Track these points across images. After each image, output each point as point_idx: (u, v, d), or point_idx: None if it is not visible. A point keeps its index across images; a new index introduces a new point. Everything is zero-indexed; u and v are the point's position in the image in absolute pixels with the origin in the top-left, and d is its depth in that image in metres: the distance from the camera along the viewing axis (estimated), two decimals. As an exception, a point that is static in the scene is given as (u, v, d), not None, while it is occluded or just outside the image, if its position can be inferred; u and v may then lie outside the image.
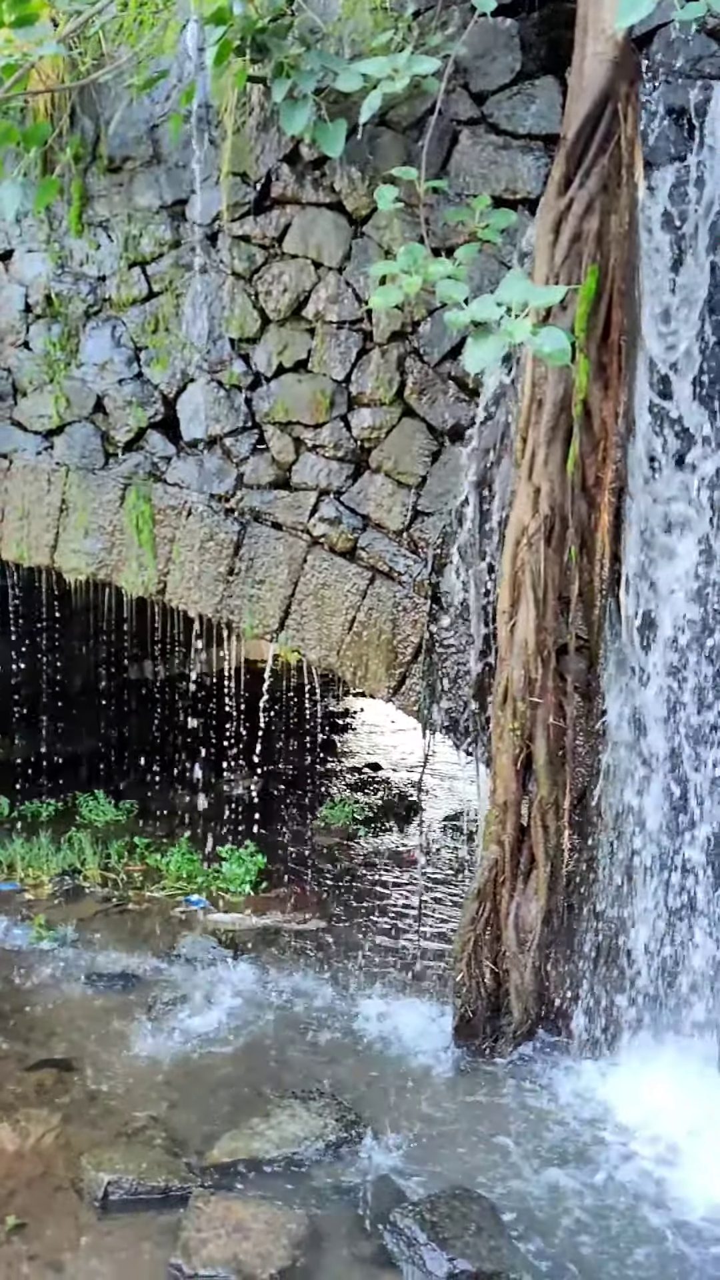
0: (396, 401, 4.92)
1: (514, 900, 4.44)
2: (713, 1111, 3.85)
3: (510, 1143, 3.78)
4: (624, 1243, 3.28)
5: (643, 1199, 3.49)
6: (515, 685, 4.44)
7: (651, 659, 4.51)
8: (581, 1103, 4.02)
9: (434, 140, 4.42)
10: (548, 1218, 3.39)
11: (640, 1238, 3.30)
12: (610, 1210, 3.43)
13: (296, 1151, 3.57)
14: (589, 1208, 3.44)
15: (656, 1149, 3.73)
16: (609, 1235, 3.31)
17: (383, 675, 5.07)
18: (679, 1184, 3.55)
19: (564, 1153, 3.73)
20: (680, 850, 4.44)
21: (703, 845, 4.41)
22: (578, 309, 4.28)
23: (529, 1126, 3.88)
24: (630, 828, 4.44)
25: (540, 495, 4.43)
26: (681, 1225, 3.36)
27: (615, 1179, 3.59)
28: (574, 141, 4.17)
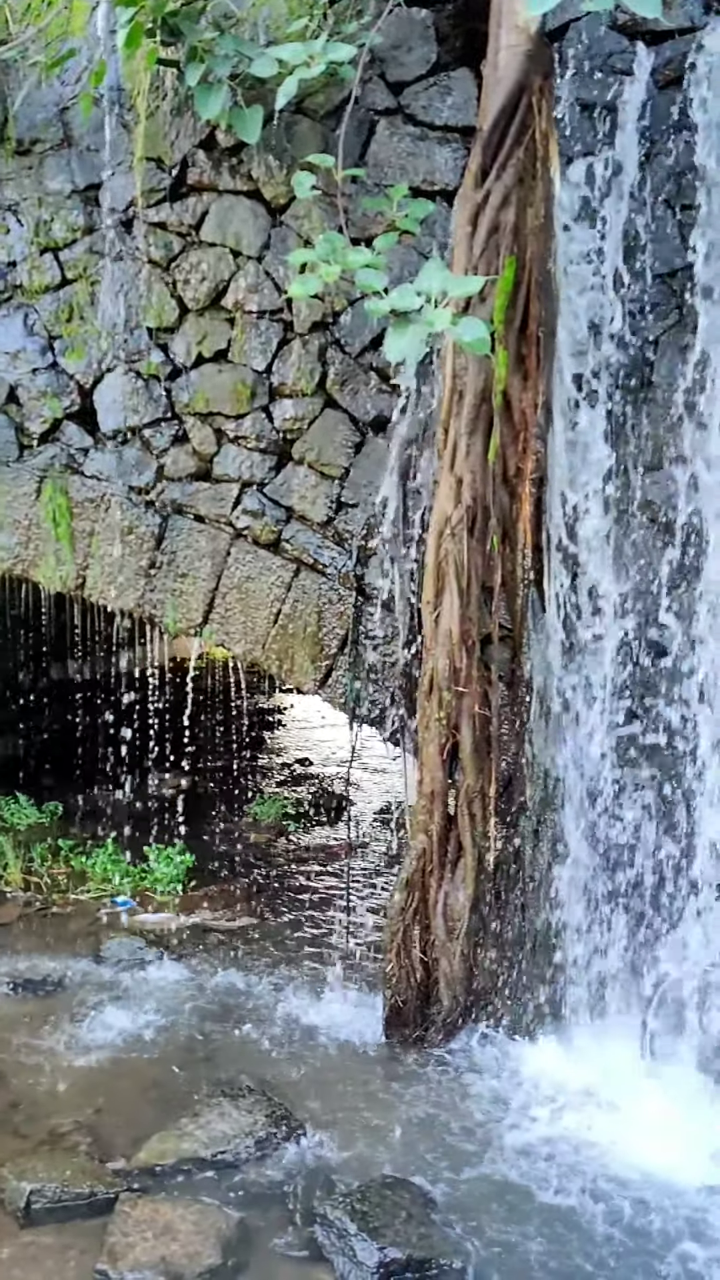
0: (318, 392, 4.89)
1: (442, 889, 4.46)
2: (635, 1089, 3.93)
3: (441, 1129, 3.80)
4: (551, 1219, 3.31)
5: (570, 1176, 3.54)
6: (440, 675, 4.46)
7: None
8: (510, 1086, 4.06)
9: (351, 129, 4.40)
10: (478, 1200, 3.41)
11: (567, 1213, 3.34)
12: (538, 1188, 3.47)
13: (226, 1150, 3.53)
14: (518, 1187, 3.48)
15: (583, 1128, 3.79)
16: (537, 1213, 3.35)
17: (309, 668, 5.05)
18: (605, 1160, 3.61)
19: (494, 1135, 3.76)
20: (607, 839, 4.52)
21: (630, 833, 4.50)
22: (496, 300, 4.31)
23: (459, 1112, 3.91)
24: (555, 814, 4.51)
25: (462, 486, 4.45)
26: (605, 1199, 3.41)
27: (543, 1158, 3.63)
28: (490, 134, 4.20)
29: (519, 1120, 3.84)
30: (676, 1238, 3.24)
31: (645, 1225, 3.30)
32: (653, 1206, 3.38)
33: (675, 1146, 3.61)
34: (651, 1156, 3.58)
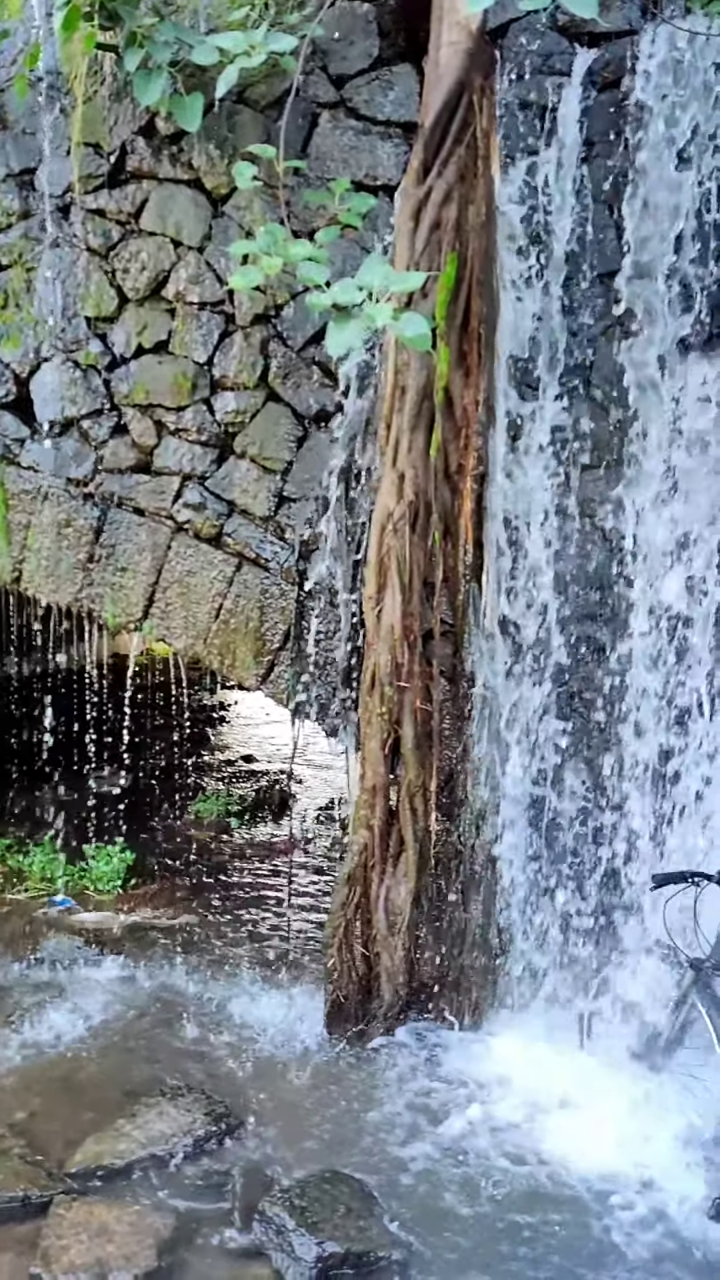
0: (261, 386, 4.86)
1: (384, 884, 4.47)
2: (572, 1079, 3.98)
3: (381, 1121, 3.81)
4: (491, 1207, 3.35)
5: (508, 1164, 3.58)
6: (382, 670, 4.47)
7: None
8: (451, 1077, 4.09)
9: (293, 121, 4.38)
10: (418, 1190, 3.43)
11: (503, 1201, 3.39)
12: (478, 1177, 3.51)
13: (164, 1149, 3.49)
14: (457, 1177, 3.51)
15: (521, 1116, 3.84)
16: (477, 1202, 3.39)
17: (250, 663, 5.01)
18: (542, 1149, 3.66)
19: (434, 1126, 3.79)
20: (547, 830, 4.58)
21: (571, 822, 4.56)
22: (438, 296, 4.33)
23: (400, 1104, 3.92)
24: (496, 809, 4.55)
25: (404, 481, 4.46)
26: (540, 1186, 3.46)
27: (483, 1147, 3.67)
28: (431, 130, 4.21)
29: (458, 1111, 3.87)
30: (606, 1223, 3.30)
31: (580, 1211, 3.35)
32: (587, 1194, 3.44)
33: (611, 1136, 3.66)
34: (589, 1146, 3.63)
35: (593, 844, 4.52)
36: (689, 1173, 3.47)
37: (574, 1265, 3.10)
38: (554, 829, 4.56)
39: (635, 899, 4.25)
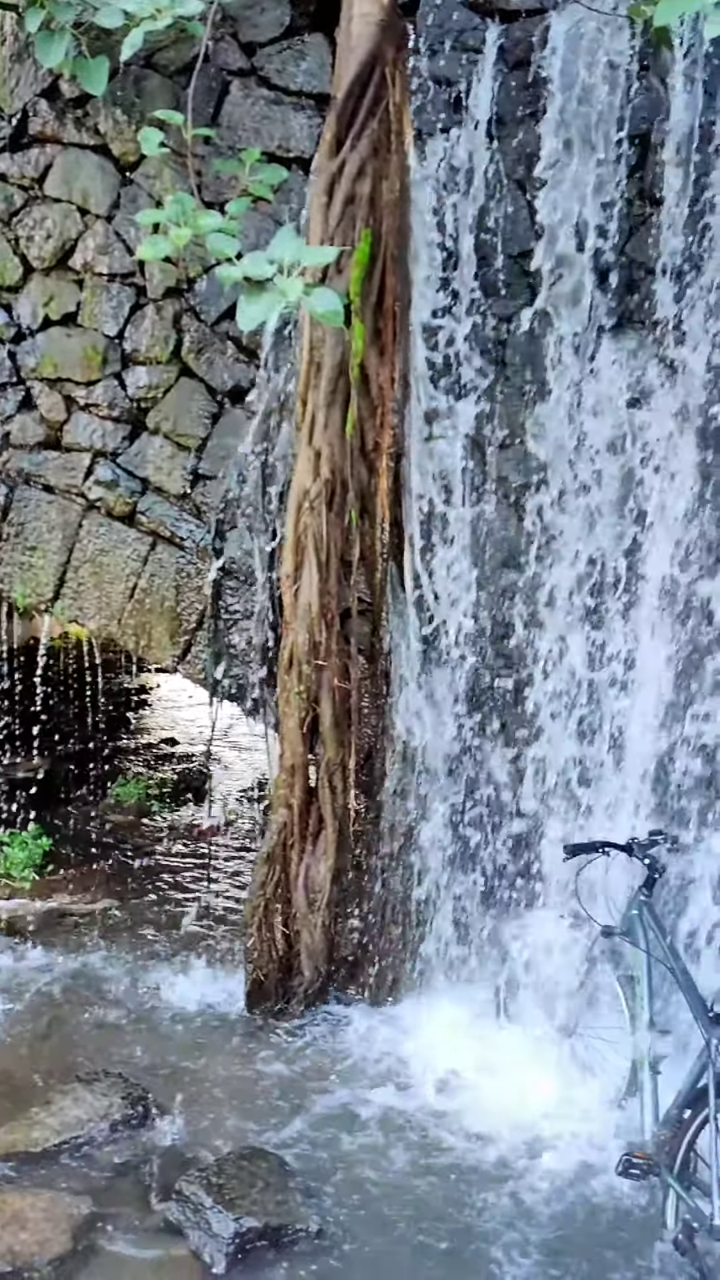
0: (174, 360, 4.77)
1: (303, 862, 4.48)
2: (489, 1048, 4.06)
3: (300, 1097, 3.83)
4: (406, 1176, 3.41)
5: (425, 1134, 3.64)
6: (300, 649, 4.45)
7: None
8: (370, 1052, 4.13)
9: (202, 88, 4.28)
10: (337, 1163, 3.46)
11: (421, 1170, 3.45)
12: (395, 1148, 3.56)
13: (79, 1135, 3.45)
14: (375, 1147, 3.55)
15: (438, 1087, 3.90)
16: (394, 1172, 3.44)
17: (167, 644, 4.95)
18: (456, 1119, 3.72)
19: (353, 1100, 3.83)
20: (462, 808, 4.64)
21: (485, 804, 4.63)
22: (352, 272, 4.30)
23: (320, 1079, 3.95)
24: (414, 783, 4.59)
25: (321, 459, 4.44)
26: (457, 1154, 3.53)
27: (400, 1119, 3.72)
28: (343, 103, 4.17)
29: (376, 1084, 3.92)
30: (518, 1186, 3.38)
31: (494, 1177, 3.42)
32: (500, 1160, 3.52)
33: (525, 1102, 3.75)
34: (504, 1113, 3.71)
35: (509, 818, 4.60)
36: (599, 1133, 3.58)
37: (486, 1229, 3.17)
38: (472, 804, 4.63)
39: (550, 870, 4.34)
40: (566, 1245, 3.12)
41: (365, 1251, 3.06)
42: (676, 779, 4.14)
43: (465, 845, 4.58)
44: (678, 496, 4.14)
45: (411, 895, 4.49)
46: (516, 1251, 3.07)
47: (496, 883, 4.53)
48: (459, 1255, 3.05)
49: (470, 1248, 3.09)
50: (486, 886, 4.53)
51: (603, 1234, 3.18)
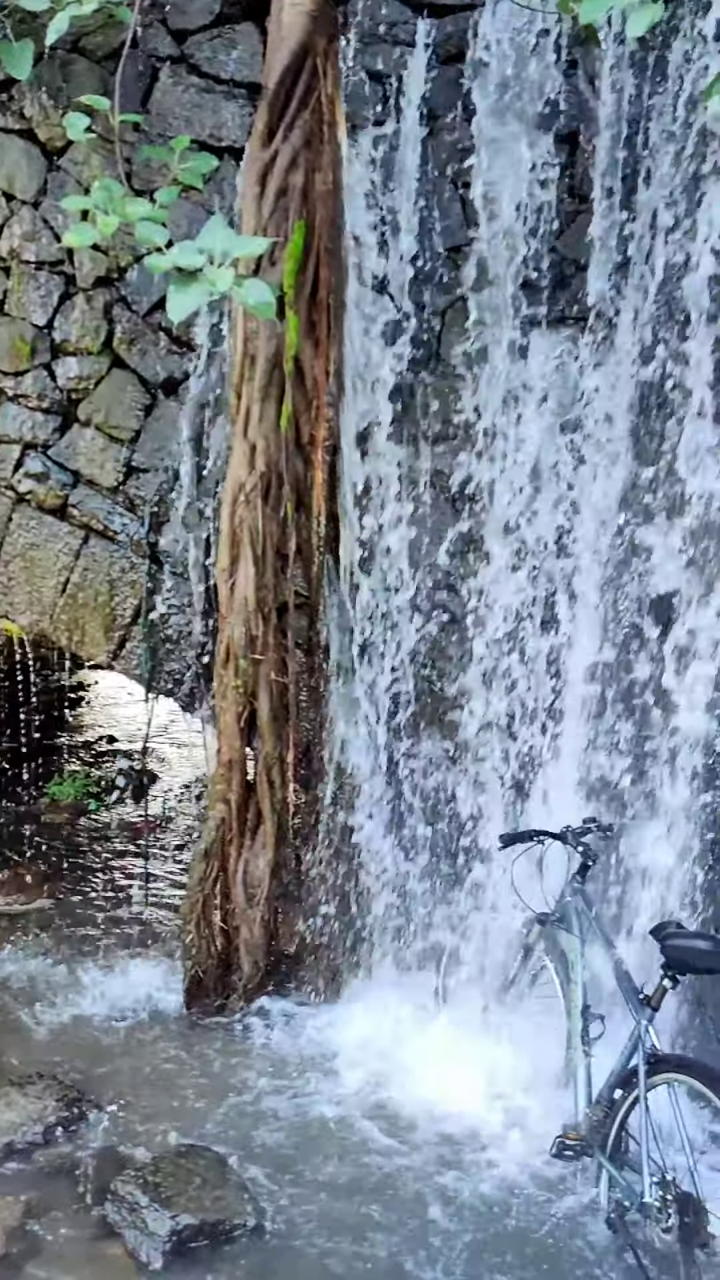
0: (105, 351, 4.69)
1: (242, 857, 4.46)
2: (429, 1038, 4.08)
3: (240, 1092, 3.82)
4: (346, 1169, 3.41)
5: (364, 1125, 3.65)
6: (237, 643, 4.43)
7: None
8: (310, 1046, 4.13)
9: (131, 74, 4.22)
10: (275, 1157, 3.46)
11: (360, 1161, 3.46)
12: (334, 1140, 3.57)
13: (12, 1139, 3.39)
14: (314, 1142, 3.56)
15: (378, 1079, 3.91)
16: (332, 1164, 3.44)
17: (101, 639, 4.87)
18: (396, 1108, 3.74)
19: (292, 1094, 3.82)
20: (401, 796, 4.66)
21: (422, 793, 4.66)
22: (286, 264, 4.28)
23: (258, 1074, 3.94)
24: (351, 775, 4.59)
25: (256, 452, 4.41)
26: (395, 1146, 3.55)
27: (339, 1111, 3.73)
28: (275, 93, 4.14)
29: (316, 1078, 3.92)
30: (458, 1173, 3.42)
31: (433, 1165, 3.45)
32: (440, 1147, 3.55)
33: (464, 1089, 3.78)
34: (443, 1101, 3.74)
35: (446, 809, 4.64)
36: (537, 1116, 3.62)
37: (425, 1218, 3.19)
38: (410, 795, 4.65)
39: (486, 860, 4.39)
40: (502, 1232, 3.16)
41: (303, 1245, 3.06)
42: (610, 770, 4.22)
43: (405, 836, 4.61)
44: (608, 491, 4.21)
45: (351, 887, 4.50)
46: (452, 1241, 3.10)
47: (436, 873, 4.56)
48: (395, 1247, 3.06)
49: (407, 1239, 3.11)
50: (427, 877, 4.56)
51: (539, 1219, 3.22)
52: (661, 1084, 2.98)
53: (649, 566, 4.05)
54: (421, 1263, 3.01)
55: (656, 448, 4.05)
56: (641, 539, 4.10)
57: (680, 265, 3.89)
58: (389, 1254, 3.03)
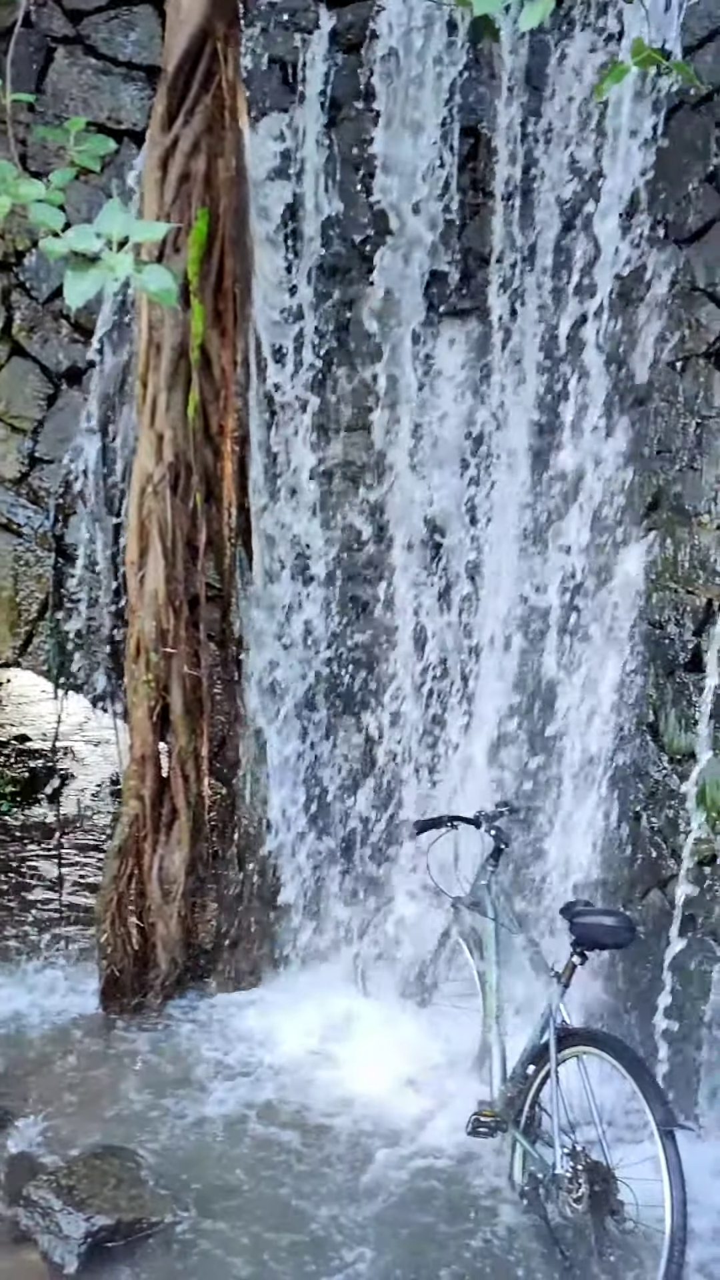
0: (4, 339, 4.56)
1: (157, 853, 4.40)
2: (347, 1026, 4.10)
3: (156, 1091, 3.77)
4: (263, 1162, 3.40)
5: (283, 1117, 3.65)
6: (147, 637, 4.36)
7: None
8: (228, 1040, 4.10)
9: (24, 54, 4.10)
10: (193, 1153, 3.43)
11: (278, 1153, 3.45)
12: (252, 1134, 3.55)
13: None
14: (232, 1136, 3.54)
15: (296, 1069, 3.91)
16: (250, 1158, 3.43)
17: (6, 635, 4.74)
18: (314, 1099, 3.74)
19: (211, 1089, 3.79)
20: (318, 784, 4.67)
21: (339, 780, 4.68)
22: (190, 252, 4.23)
23: (175, 1072, 3.90)
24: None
25: (163, 442, 4.35)
26: (314, 1137, 3.55)
27: (258, 1105, 3.71)
28: (174, 77, 4.08)
29: (234, 1072, 3.90)
30: (374, 1160, 3.43)
31: (350, 1153, 3.46)
32: (357, 1136, 3.55)
33: (382, 1075, 3.81)
34: (361, 1089, 3.76)
35: (361, 798, 4.67)
36: (453, 1098, 3.67)
37: (341, 1207, 3.19)
38: (325, 785, 4.66)
39: (401, 847, 4.43)
40: (421, 1213, 3.19)
41: (223, 1240, 3.04)
42: (522, 753, 4.29)
43: (321, 827, 4.62)
44: (512, 482, 4.28)
45: (269, 879, 4.49)
46: (372, 1227, 3.12)
47: (352, 862, 4.58)
48: (313, 1236, 3.07)
49: (326, 1227, 3.12)
50: (343, 866, 4.58)
51: (456, 1197, 3.27)
52: (572, 1058, 3.05)
53: (554, 550, 4.14)
54: (339, 1247, 3.03)
55: (559, 435, 4.13)
56: (546, 524, 4.18)
57: (579, 259, 3.97)
58: (311, 1241, 3.04)
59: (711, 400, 3.62)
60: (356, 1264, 2.96)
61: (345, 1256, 2.99)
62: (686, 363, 3.73)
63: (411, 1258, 3.00)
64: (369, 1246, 3.03)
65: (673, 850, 3.63)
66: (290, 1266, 2.95)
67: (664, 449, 3.79)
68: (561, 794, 4.06)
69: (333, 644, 4.66)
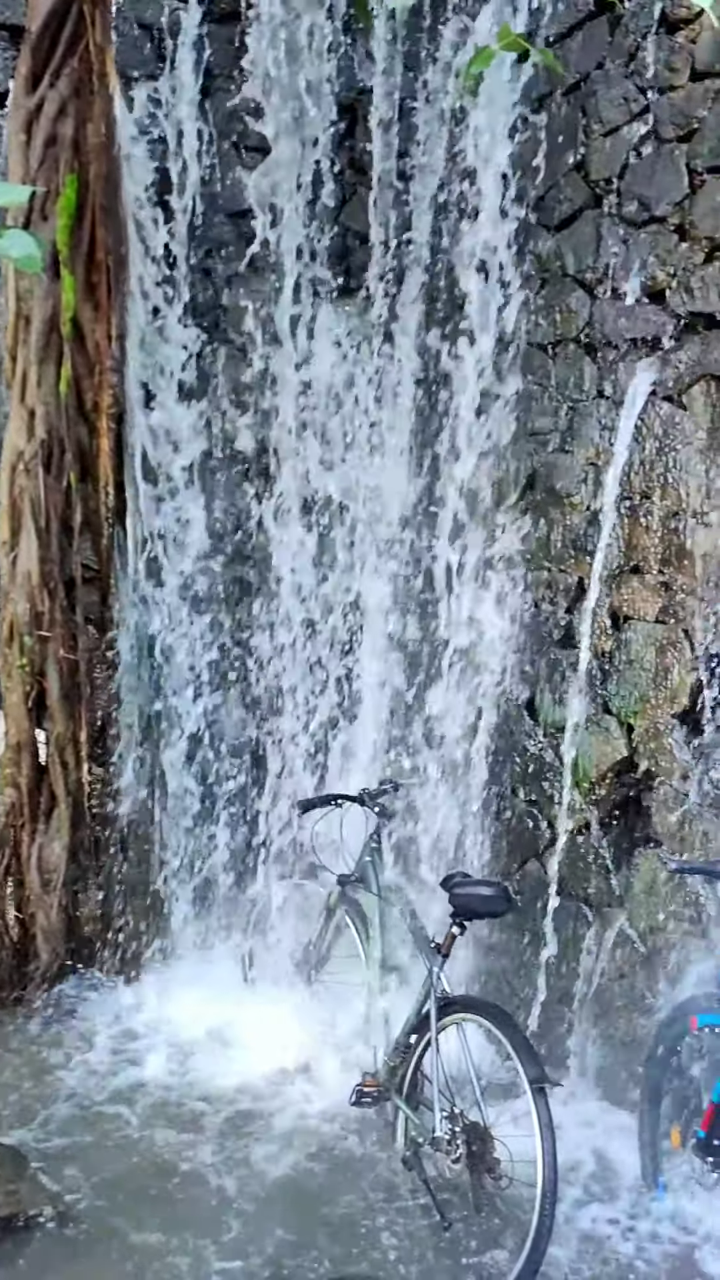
0: None
1: (35, 842, 4.29)
2: (233, 1010, 4.08)
3: (40, 1083, 3.68)
4: (146, 1150, 3.37)
5: (166, 1105, 3.61)
6: (20, 620, 4.23)
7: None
8: (111, 1029, 4.03)
9: None
10: (75, 1144, 3.36)
11: (162, 1142, 3.41)
12: (135, 1122, 3.51)
13: None
14: (117, 1125, 3.48)
15: (180, 1055, 3.87)
16: (133, 1146, 3.38)
17: None
18: (200, 1084, 3.72)
19: (94, 1079, 3.72)
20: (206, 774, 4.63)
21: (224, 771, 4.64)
22: (59, 220, 4.10)
23: (58, 1062, 3.82)
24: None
25: (35, 419, 4.22)
26: (199, 1119, 3.53)
27: (141, 1093, 3.67)
28: (39, 37, 3.93)
29: (119, 1062, 3.84)
30: (259, 1139, 3.44)
31: (232, 1136, 3.45)
32: (240, 1118, 3.55)
33: (267, 1055, 3.81)
34: (245, 1071, 3.76)
35: (246, 781, 4.65)
36: (337, 1071, 3.72)
37: (224, 1192, 3.19)
38: (208, 769, 4.62)
39: (285, 827, 4.43)
40: (304, 1189, 3.22)
41: (106, 1232, 2.99)
42: (407, 731, 4.36)
43: (205, 812, 4.58)
44: (394, 463, 4.32)
45: (152, 867, 4.43)
46: (254, 1207, 3.12)
47: (237, 844, 4.57)
48: (198, 1222, 3.06)
49: (213, 1209, 3.11)
50: (227, 852, 4.56)
51: (339, 1168, 3.31)
52: (451, 1025, 3.12)
53: (435, 529, 4.20)
54: (222, 1229, 3.03)
55: (438, 417, 4.19)
56: (428, 504, 4.24)
57: (454, 240, 4.02)
58: (194, 1232, 3.01)
59: (582, 385, 3.73)
60: (238, 1234, 2.97)
61: (223, 1236, 2.99)
62: (558, 348, 3.82)
63: (294, 1225, 3.03)
64: (250, 1221, 3.05)
65: (549, 821, 3.76)
66: (175, 1246, 2.93)
67: (537, 432, 3.89)
68: (443, 770, 4.14)
69: (215, 626, 4.62)
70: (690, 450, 3.36)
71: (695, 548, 3.35)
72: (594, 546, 3.56)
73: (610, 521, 3.48)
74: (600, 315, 3.63)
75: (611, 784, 3.59)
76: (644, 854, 3.47)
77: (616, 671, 3.56)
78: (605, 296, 3.59)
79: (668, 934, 3.34)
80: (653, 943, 3.39)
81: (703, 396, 3.34)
